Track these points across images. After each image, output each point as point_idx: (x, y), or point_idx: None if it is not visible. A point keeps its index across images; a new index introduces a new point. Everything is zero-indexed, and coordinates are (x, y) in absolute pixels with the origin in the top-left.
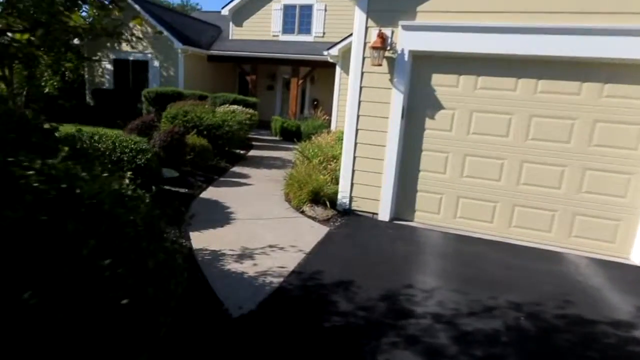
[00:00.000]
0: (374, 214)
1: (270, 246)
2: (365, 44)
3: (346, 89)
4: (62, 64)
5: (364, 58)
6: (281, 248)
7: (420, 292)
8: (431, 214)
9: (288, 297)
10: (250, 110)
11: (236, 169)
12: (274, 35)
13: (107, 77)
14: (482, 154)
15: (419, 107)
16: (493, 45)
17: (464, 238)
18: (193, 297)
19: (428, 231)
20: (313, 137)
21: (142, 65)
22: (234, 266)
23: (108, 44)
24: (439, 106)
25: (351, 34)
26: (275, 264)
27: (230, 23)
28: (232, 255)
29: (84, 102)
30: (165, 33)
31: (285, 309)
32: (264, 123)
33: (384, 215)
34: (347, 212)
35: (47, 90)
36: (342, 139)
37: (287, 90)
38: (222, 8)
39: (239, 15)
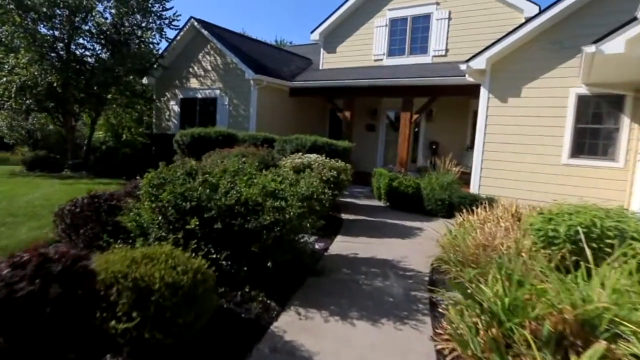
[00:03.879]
0: None
1: None
2: None
3: (498, 124)
4: (135, 108)
5: None
6: None
7: None
8: None
9: None
10: (339, 163)
11: (281, 328)
12: (376, 60)
13: (174, 120)
14: None
15: None
16: None
17: None
18: None
19: None
20: (461, 217)
21: (210, 104)
22: None
23: (177, 82)
24: None
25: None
26: None
27: (322, 50)
28: None
29: (150, 149)
30: (235, 60)
31: None
32: (360, 176)
33: None
34: None
35: (124, 137)
36: (546, 238)
37: (392, 131)
38: (312, 32)
39: (332, 39)
